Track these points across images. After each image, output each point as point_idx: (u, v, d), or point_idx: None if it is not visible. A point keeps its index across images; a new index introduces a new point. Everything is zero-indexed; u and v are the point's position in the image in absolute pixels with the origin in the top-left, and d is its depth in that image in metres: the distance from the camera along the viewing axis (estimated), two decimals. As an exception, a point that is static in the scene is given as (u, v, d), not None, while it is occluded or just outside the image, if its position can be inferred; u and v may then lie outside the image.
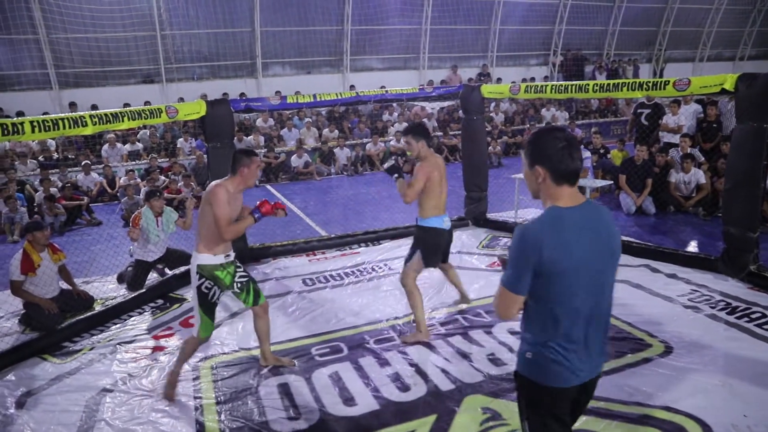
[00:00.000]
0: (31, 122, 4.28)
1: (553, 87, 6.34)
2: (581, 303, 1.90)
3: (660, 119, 8.78)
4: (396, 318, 4.66)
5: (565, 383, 1.95)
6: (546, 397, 1.98)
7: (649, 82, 5.49)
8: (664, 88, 5.25)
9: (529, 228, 1.89)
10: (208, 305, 3.51)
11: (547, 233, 1.85)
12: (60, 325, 4.70)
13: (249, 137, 12.69)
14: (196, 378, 3.87)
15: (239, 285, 3.63)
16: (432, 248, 4.20)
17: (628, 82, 5.63)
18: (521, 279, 1.88)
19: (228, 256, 3.56)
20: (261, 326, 3.85)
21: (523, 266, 1.86)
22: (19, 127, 4.18)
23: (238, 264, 3.69)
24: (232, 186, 3.46)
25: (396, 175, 4.10)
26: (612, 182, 7.90)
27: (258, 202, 3.56)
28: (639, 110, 9.12)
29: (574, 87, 6.12)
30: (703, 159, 8.21)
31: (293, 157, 12.12)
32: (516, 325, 4.33)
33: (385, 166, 4.18)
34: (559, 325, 1.91)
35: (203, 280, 3.46)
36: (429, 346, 4.12)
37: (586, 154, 6.90)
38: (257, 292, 3.74)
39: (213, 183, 3.46)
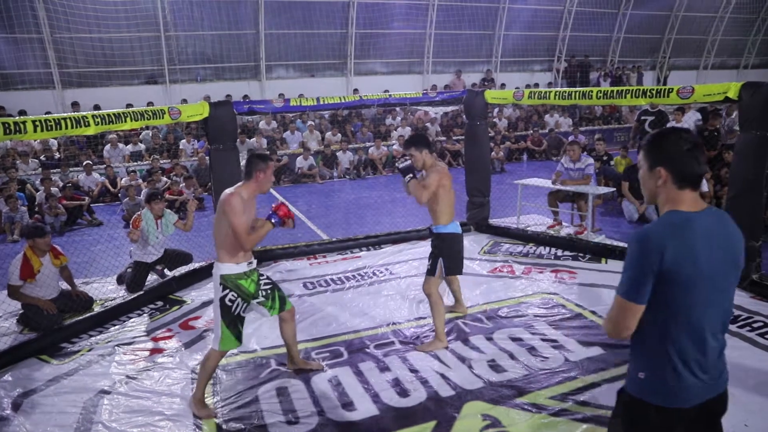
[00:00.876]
0: (34, 121, 4.29)
1: (557, 93, 6.34)
2: (702, 316, 1.78)
3: (664, 126, 8.78)
4: (396, 323, 4.65)
5: (683, 403, 1.81)
6: (658, 418, 1.84)
7: (653, 89, 5.49)
8: (668, 96, 5.25)
9: (650, 230, 1.77)
10: (231, 318, 3.36)
11: (670, 237, 1.73)
12: (58, 325, 4.70)
13: (252, 139, 12.71)
14: (195, 380, 3.85)
15: (264, 293, 3.56)
16: (455, 255, 4.17)
17: (632, 89, 5.64)
18: (642, 287, 1.75)
19: (251, 263, 3.46)
20: (287, 331, 3.79)
21: (643, 272, 1.74)
22: (22, 126, 4.19)
23: (261, 272, 3.61)
24: (247, 192, 3.36)
25: (410, 175, 4.03)
26: (615, 189, 7.88)
27: (273, 205, 3.49)
28: (643, 117, 9.12)
29: (577, 93, 6.12)
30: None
31: (299, 159, 12.15)
32: (517, 332, 4.34)
33: (401, 165, 4.05)
34: (678, 339, 1.79)
35: (227, 291, 3.34)
36: (430, 351, 4.11)
37: (589, 160, 6.88)
38: (282, 298, 3.68)
39: (226, 191, 3.34)
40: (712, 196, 7.46)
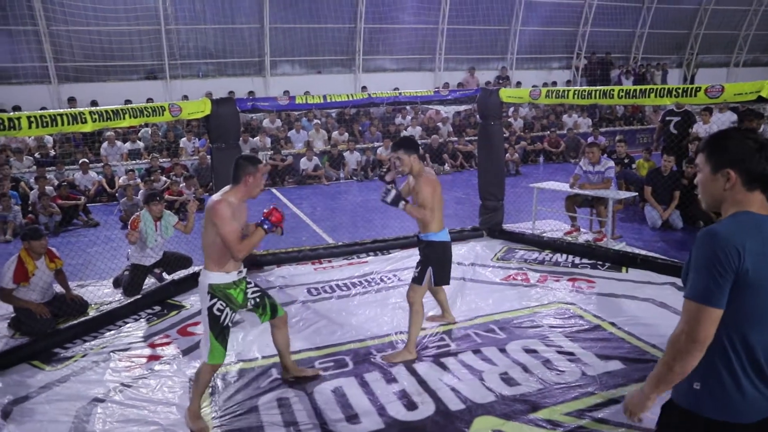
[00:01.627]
0: (29, 117, 4.34)
1: (576, 92, 6.33)
2: None
3: (690, 128, 8.72)
4: (404, 332, 4.63)
5: (744, 418, 1.77)
6: None
7: (679, 88, 5.46)
8: (695, 95, 5.23)
9: (723, 228, 1.73)
10: (219, 329, 3.35)
11: (748, 237, 1.69)
12: (51, 330, 4.73)
13: (255, 138, 12.77)
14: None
15: (253, 302, 3.58)
16: (444, 264, 4.21)
17: (657, 88, 5.61)
18: (720, 287, 1.69)
19: (240, 272, 3.46)
20: (279, 338, 3.81)
21: (721, 272, 1.68)
22: (16, 122, 4.23)
23: (248, 279, 3.62)
24: (236, 197, 3.33)
25: (402, 202, 4.05)
26: (636, 194, 7.85)
27: (265, 210, 3.45)
28: (668, 118, 9.06)
29: (598, 92, 6.10)
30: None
31: (303, 160, 12.19)
32: (531, 343, 4.32)
33: (389, 199, 4.03)
34: (745, 349, 1.75)
35: (215, 300, 3.34)
36: (438, 362, 4.11)
37: (609, 163, 6.86)
38: (273, 305, 3.69)
39: (213, 198, 3.34)
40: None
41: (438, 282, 4.20)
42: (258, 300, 3.61)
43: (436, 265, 4.14)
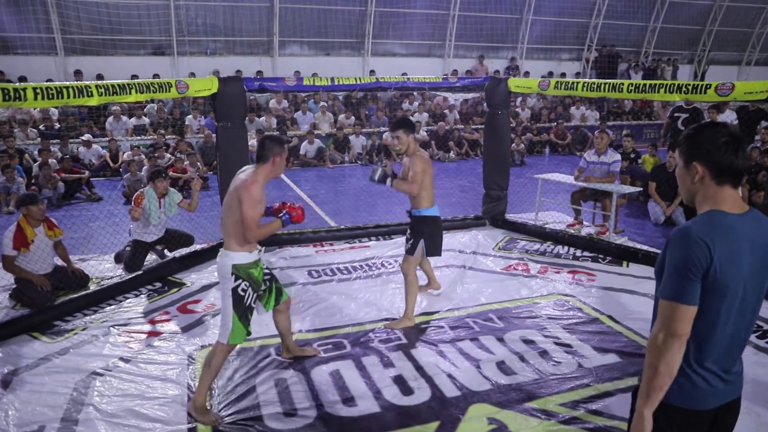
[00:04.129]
0: (34, 89, 4.33)
1: (585, 84, 6.29)
2: (734, 323, 1.82)
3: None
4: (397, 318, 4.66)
5: (699, 405, 1.87)
6: (677, 419, 1.89)
7: (690, 84, 5.42)
8: (705, 92, 5.19)
9: (694, 227, 1.76)
10: (243, 309, 3.31)
11: (716, 238, 1.73)
12: (52, 302, 4.76)
13: (261, 118, 12.73)
14: (191, 366, 3.90)
15: (265, 284, 3.55)
16: (436, 236, 4.41)
17: (666, 84, 5.58)
18: (692, 287, 1.74)
19: (259, 251, 3.45)
20: (282, 321, 3.81)
21: (693, 271, 1.73)
22: (22, 93, 4.23)
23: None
24: (263, 177, 3.30)
25: (389, 179, 4.29)
26: (641, 189, 7.82)
27: (290, 204, 3.46)
28: (676, 114, 9.03)
29: (607, 86, 6.07)
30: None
31: (304, 144, 12.13)
32: (529, 333, 4.34)
33: (376, 177, 4.31)
34: (707, 344, 1.82)
35: (240, 281, 3.29)
36: (436, 349, 4.13)
37: (616, 156, 6.82)
38: (279, 289, 3.67)
39: (244, 178, 3.27)
40: (747, 201, 7.39)
41: (430, 253, 4.40)
42: (268, 283, 3.58)
43: (428, 237, 4.35)
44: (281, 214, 3.43)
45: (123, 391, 3.61)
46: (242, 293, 3.30)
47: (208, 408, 3.37)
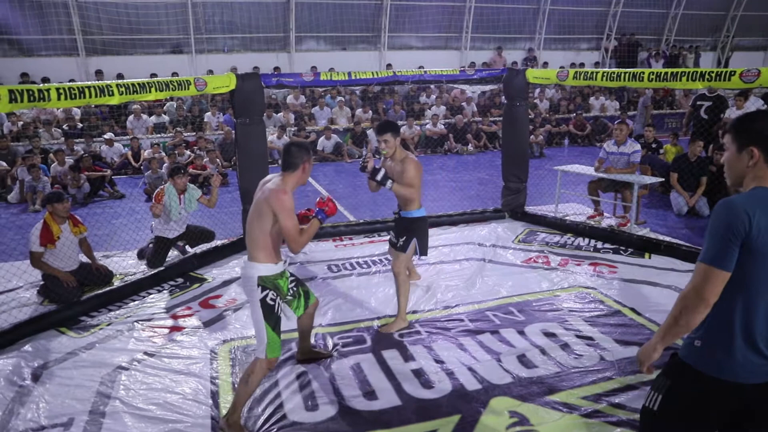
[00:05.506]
0: (57, 89, 4.40)
1: (605, 74, 6.20)
2: None
3: (722, 113, 8.51)
4: (422, 311, 4.67)
5: (741, 378, 1.89)
6: (707, 389, 1.93)
7: (713, 71, 5.31)
8: (730, 79, 5.09)
9: (737, 198, 1.86)
10: (275, 319, 3.20)
11: (758, 207, 1.81)
12: (77, 298, 4.85)
13: (279, 114, 12.78)
14: (214, 360, 3.95)
15: (291, 291, 3.51)
16: (425, 236, 4.43)
17: (689, 72, 5.47)
18: (728, 252, 1.82)
19: (285, 262, 3.34)
20: (306, 323, 3.76)
21: (730, 238, 1.81)
22: (45, 93, 4.30)
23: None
24: (291, 185, 3.22)
25: (390, 181, 4.22)
26: (663, 179, 7.71)
27: (320, 200, 3.41)
28: (698, 102, 8.85)
29: (627, 75, 5.97)
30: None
31: (321, 139, 12.16)
32: (550, 326, 4.31)
33: (378, 178, 4.20)
34: (748, 313, 1.87)
35: (267, 291, 3.18)
36: (456, 343, 4.13)
37: (636, 146, 6.73)
38: (307, 293, 3.63)
39: (272, 187, 3.16)
40: None
41: (422, 252, 4.41)
42: (295, 289, 3.54)
43: (420, 237, 4.36)
44: (315, 213, 3.38)
45: (148, 385, 3.66)
46: (271, 302, 3.21)
47: (242, 424, 3.22)
